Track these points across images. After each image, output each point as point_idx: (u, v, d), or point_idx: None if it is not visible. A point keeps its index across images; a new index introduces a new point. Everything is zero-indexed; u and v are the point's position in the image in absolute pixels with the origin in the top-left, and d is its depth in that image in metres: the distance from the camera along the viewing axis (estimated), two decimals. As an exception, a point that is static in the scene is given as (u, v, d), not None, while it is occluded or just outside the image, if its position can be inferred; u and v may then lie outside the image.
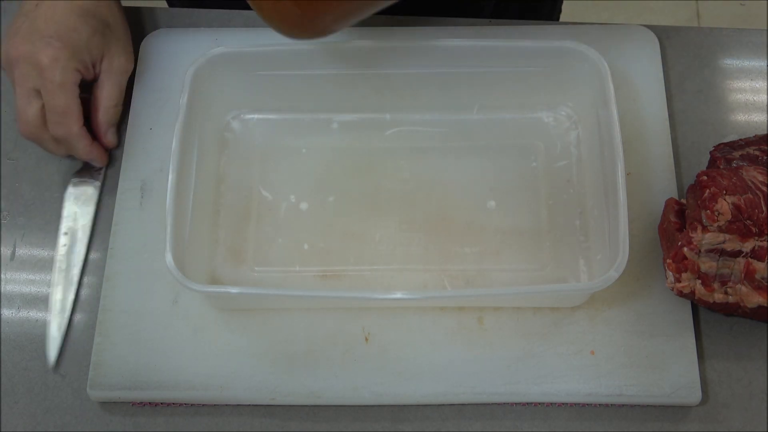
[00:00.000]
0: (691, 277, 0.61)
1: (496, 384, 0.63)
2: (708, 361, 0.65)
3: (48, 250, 0.70)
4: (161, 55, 0.75)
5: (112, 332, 0.65)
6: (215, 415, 0.64)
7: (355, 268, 0.68)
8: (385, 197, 0.71)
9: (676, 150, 0.72)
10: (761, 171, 0.61)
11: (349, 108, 0.73)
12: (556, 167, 0.71)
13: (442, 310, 0.66)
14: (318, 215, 0.70)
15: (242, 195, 0.71)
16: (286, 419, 0.64)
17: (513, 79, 0.71)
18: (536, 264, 0.68)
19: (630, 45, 0.75)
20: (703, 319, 0.66)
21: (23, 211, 0.71)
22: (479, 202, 0.70)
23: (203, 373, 0.64)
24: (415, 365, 0.64)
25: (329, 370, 0.64)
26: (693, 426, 0.63)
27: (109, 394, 0.63)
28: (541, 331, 0.65)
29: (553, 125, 0.73)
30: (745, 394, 0.64)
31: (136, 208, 0.69)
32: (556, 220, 0.69)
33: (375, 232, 0.69)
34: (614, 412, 0.64)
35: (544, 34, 0.75)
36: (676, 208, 0.64)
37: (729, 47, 0.77)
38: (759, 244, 0.59)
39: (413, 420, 0.64)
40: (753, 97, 0.75)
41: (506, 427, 0.63)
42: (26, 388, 0.65)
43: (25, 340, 0.67)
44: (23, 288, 0.69)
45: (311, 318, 0.66)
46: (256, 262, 0.68)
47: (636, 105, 0.72)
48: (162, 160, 0.71)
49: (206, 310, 0.66)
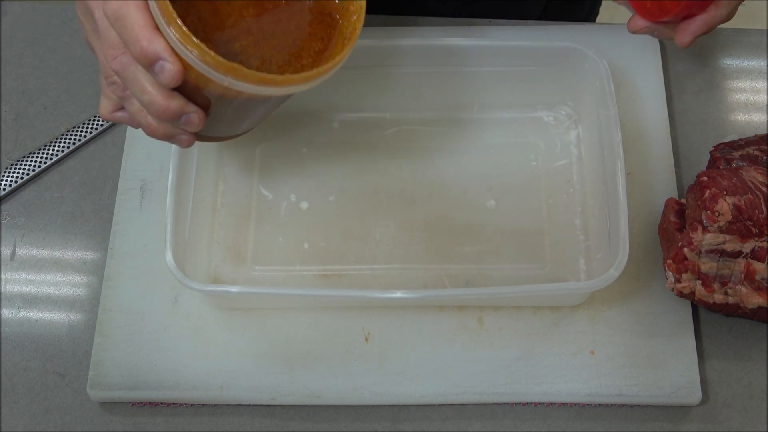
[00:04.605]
0: (691, 278, 0.61)
1: (496, 384, 0.63)
2: (708, 361, 0.65)
3: (48, 250, 0.70)
4: (161, 54, 0.75)
5: (112, 332, 0.65)
6: (215, 415, 0.64)
7: (355, 267, 0.68)
8: (385, 197, 0.71)
9: (676, 150, 0.72)
10: (761, 171, 0.61)
11: (350, 107, 0.73)
12: (556, 167, 0.71)
13: (442, 310, 0.66)
14: (318, 215, 0.70)
15: (242, 195, 0.71)
16: (286, 419, 0.64)
17: (513, 79, 0.71)
18: (536, 264, 0.68)
19: (630, 45, 0.75)
20: (703, 319, 0.66)
21: (23, 211, 0.71)
22: (479, 202, 0.70)
23: (203, 373, 0.64)
24: (415, 365, 0.64)
25: (329, 370, 0.64)
26: (693, 426, 0.63)
27: (109, 394, 0.63)
28: (541, 331, 0.65)
29: (553, 125, 0.73)
30: (745, 394, 0.64)
31: (136, 208, 0.69)
32: (556, 220, 0.69)
33: (375, 232, 0.69)
34: (614, 412, 0.64)
35: (545, 34, 0.75)
36: (676, 208, 0.64)
37: (729, 47, 0.77)
38: (759, 245, 0.59)
39: (413, 420, 0.64)
40: (753, 97, 0.75)
41: (506, 427, 0.63)
42: (26, 388, 0.65)
43: (25, 340, 0.67)
44: (23, 288, 0.68)
45: (311, 318, 0.66)
46: (256, 262, 0.68)
47: (636, 105, 0.72)
48: (162, 160, 0.71)
49: (206, 310, 0.66)
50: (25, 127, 0.74)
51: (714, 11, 0.60)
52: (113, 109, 0.55)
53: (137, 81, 0.50)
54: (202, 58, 0.49)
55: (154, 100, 0.51)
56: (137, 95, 0.51)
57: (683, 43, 0.62)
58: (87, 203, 0.71)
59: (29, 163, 0.72)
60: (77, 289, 0.68)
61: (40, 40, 0.78)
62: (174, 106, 0.51)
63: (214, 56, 0.49)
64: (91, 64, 0.77)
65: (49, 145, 0.73)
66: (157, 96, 0.51)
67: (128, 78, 0.51)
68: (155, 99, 0.51)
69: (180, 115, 0.52)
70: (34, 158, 0.72)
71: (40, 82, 0.76)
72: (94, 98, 0.75)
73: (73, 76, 0.76)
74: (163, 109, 0.51)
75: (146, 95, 0.51)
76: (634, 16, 0.63)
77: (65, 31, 0.78)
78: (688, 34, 0.62)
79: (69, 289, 0.68)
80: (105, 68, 0.52)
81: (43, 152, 0.72)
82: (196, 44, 0.48)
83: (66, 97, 0.75)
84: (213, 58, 0.49)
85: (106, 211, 0.71)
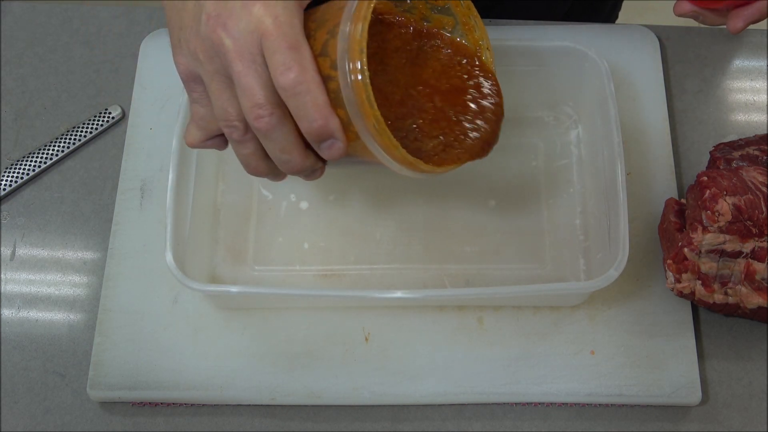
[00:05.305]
0: (691, 278, 0.61)
1: (496, 384, 0.63)
2: (708, 361, 0.65)
3: (48, 250, 0.70)
4: (161, 55, 0.75)
5: (112, 332, 0.65)
6: (215, 415, 0.64)
7: (356, 267, 0.68)
8: (385, 197, 0.71)
9: (676, 150, 0.72)
10: (761, 171, 0.61)
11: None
12: (556, 167, 0.71)
13: (442, 310, 0.66)
14: (318, 214, 0.70)
15: (242, 194, 0.71)
16: (286, 419, 0.64)
17: (513, 79, 0.70)
18: (536, 264, 0.68)
19: (630, 45, 0.75)
20: (703, 319, 0.66)
21: (23, 211, 0.71)
22: (479, 202, 0.70)
23: (203, 373, 0.64)
24: (415, 365, 0.64)
25: (329, 370, 0.64)
26: (693, 426, 0.63)
27: (109, 394, 0.63)
28: (541, 331, 0.65)
29: (553, 125, 0.73)
30: (745, 394, 0.64)
31: (136, 208, 0.69)
32: (556, 220, 0.69)
33: (375, 232, 0.69)
34: (614, 412, 0.64)
35: (544, 34, 0.75)
36: (676, 208, 0.64)
37: (729, 47, 0.77)
38: (759, 245, 0.59)
39: (413, 420, 0.64)
40: (753, 97, 0.75)
41: (506, 427, 0.63)
42: (26, 388, 0.65)
43: (25, 340, 0.67)
44: (23, 288, 0.68)
45: (311, 317, 0.66)
46: (256, 262, 0.68)
47: (636, 105, 0.72)
48: (162, 160, 0.71)
49: (206, 310, 0.66)
50: (25, 127, 0.74)
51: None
52: (204, 139, 0.55)
53: (280, 141, 0.51)
54: (393, 155, 0.50)
55: (293, 159, 0.52)
56: (274, 151, 0.52)
57: (736, 29, 0.61)
58: (87, 203, 0.71)
59: (29, 163, 0.72)
60: (77, 289, 0.68)
61: (40, 40, 0.78)
62: (308, 165, 0.53)
63: (404, 154, 0.50)
64: (91, 64, 0.77)
65: (49, 145, 0.73)
66: (297, 156, 0.52)
67: (270, 137, 0.50)
68: (294, 158, 0.52)
69: (308, 170, 0.54)
70: (34, 158, 0.72)
71: (40, 82, 0.76)
72: (95, 98, 0.75)
73: (73, 76, 0.76)
74: (299, 167, 0.53)
75: (286, 154, 0.51)
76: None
77: (65, 31, 0.78)
78: (742, 20, 0.61)
79: (69, 289, 0.68)
80: (226, 112, 0.51)
81: (43, 152, 0.72)
82: (395, 145, 0.49)
83: (66, 97, 0.75)
84: (401, 155, 0.50)
85: (106, 211, 0.71)
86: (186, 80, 0.52)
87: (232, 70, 0.49)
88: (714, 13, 0.62)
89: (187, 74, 0.52)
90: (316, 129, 0.49)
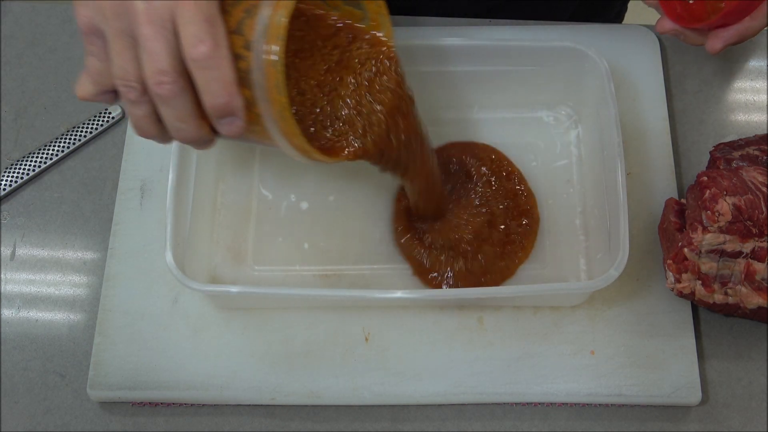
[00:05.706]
0: (691, 278, 0.61)
1: (496, 384, 0.63)
2: (708, 361, 0.65)
3: (48, 250, 0.70)
4: (161, 54, 0.75)
5: (112, 332, 0.65)
6: (215, 415, 0.64)
7: (355, 267, 0.68)
8: (385, 197, 0.71)
9: (676, 150, 0.72)
10: (761, 171, 0.61)
11: (350, 107, 0.73)
12: (556, 167, 0.71)
13: (442, 310, 0.66)
14: (318, 214, 0.70)
15: (242, 194, 0.71)
16: (286, 419, 0.64)
17: (513, 79, 0.71)
18: (536, 264, 0.68)
19: (630, 45, 0.75)
20: (703, 319, 0.66)
21: (23, 211, 0.71)
22: (479, 202, 0.70)
23: (203, 373, 0.64)
24: (415, 365, 0.64)
25: (329, 370, 0.64)
26: (693, 426, 0.63)
27: (109, 394, 0.63)
28: (541, 331, 0.65)
29: (553, 125, 0.73)
30: (745, 394, 0.64)
31: (136, 208, 0.69)
32: (556, 220, 0.69)
33: (375, 232, 0.69)
34: (614, 412, 0.64)
35: (544, 34, 0.75)
36: (676, 208, 0.64)
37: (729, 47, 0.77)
38: (759, 245, 0.59)
39: (413, 420, 0.64)
40: (753, 97, 0.75)
41: (506, 427, 0.63)
42: (26, 388, 0.65)
43: (25, 340, 0.67)
44: (23, 288, 0.68)
45: (311, 318, 0.66)
46: (256, 262, 0.68)
47: (636, 105, 0.72)
48: (162, 160, 0.71)
49: (206, 310, 0.66)
50: (25, 127, 0.74)
51: (749, 22, 0.60)
52: (96, 94, 0.53)
53: (178, 110, 0.50)
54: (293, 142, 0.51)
55: (187, 128, 0.51)
56: (170, 118, 0.50)
57: (714, 50, 0.62)
58: (87, 203, 0.71)
59: (29, 163, 0.72)
60: (77, 289, 0.68)
61: (40, 40, 0.78)
62: (201, 135, 0.52)
63: (303, 142, 0.51)
64: (91, 64, 0.77)
65: (49, 145, 0.73)
66: (192, 126, 0.51)
67: (169, 103, 0.49)
68: (188, 127, 0.51)
69: (200, 141, 0.53)
70: (34, 158, 0.72)
71: (40, 82, 0.76)
72: (94, 98, 0.75)
73: (73, 76, 0.76)
74: (191, 137, 0.52)
75: (181, 123, 0.50)
76: (663, 17, 0.64)
77: (65, 31, 0.78)
78: (721, 41, 0.61)
79: (69, 289, 0.68)
80: (125, 72, 0.50)
81: (43, 152, 0.72)
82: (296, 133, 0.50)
83: (66, 97, 0.75)
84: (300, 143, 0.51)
85: (106, 211, 0.71)
86: (86, 33, 0.51)
87: (139, 32, 0.48)
88: (695, 32, 0.63)
89: (88, 27, 0.51)
90: (219, 105, 0.49)
